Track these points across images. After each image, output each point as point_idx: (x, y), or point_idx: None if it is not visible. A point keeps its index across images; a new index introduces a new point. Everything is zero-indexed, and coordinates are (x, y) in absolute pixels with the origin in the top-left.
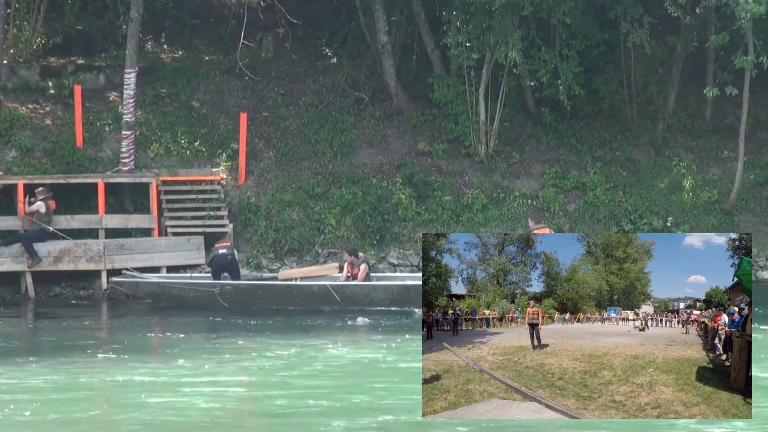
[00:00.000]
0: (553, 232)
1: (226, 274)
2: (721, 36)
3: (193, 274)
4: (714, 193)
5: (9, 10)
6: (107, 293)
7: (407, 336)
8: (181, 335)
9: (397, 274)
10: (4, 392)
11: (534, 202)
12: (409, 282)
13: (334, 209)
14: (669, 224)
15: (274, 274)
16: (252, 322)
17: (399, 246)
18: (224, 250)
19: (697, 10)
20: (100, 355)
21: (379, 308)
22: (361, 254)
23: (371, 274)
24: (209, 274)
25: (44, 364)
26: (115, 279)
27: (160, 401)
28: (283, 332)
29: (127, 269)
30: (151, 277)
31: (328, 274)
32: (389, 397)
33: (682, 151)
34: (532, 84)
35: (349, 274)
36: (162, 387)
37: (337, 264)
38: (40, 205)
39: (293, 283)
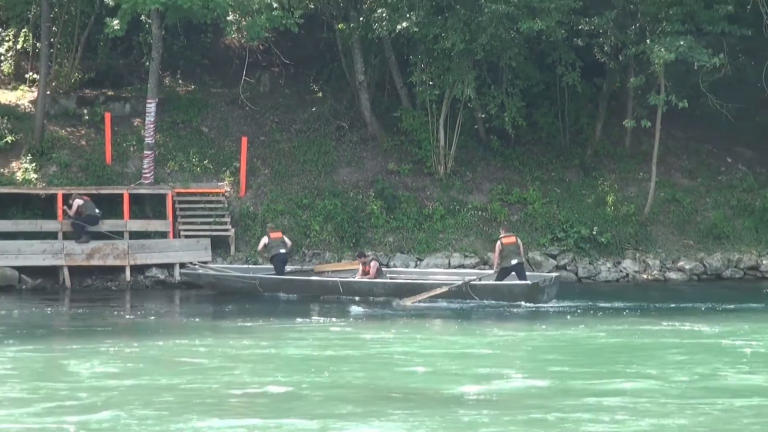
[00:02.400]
0: (519, 241)
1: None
2: (638, 78)
3: (249, 266)
4: (631, 207)
5: (52, 50)
6: (130, 284)
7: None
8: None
9: (403, 269)
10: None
11: (483, 214)
12: (400, 280)
13: (318, 217)
14: (594, 232)
15: (311, 268)
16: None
17: (371, 248)
18: (284, 250)
19: (619, 57)
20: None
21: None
22: (369, 254)
23: (382, 270)
24: (251, 266)
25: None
26: (182, 270)
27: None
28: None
29: (191, 263)
30: (210, 270)
31: (354, 268)
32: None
33: (606, 173)
34: (483, 116)
35: (363, 271)
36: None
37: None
38: (77, 202)
39: (314, 278)
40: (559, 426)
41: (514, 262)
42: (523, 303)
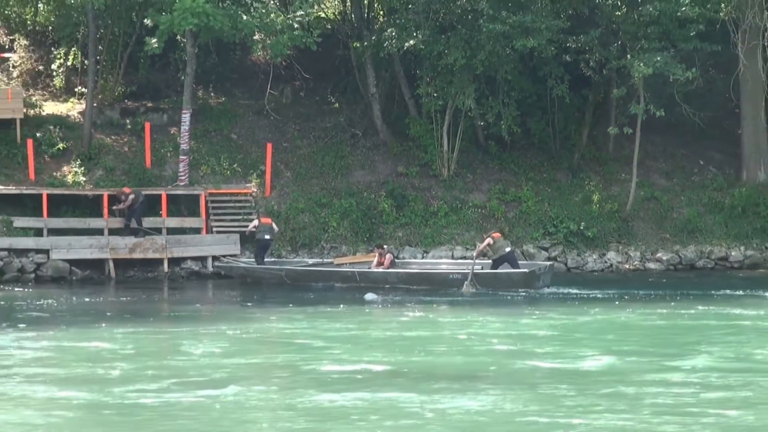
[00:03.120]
0: (503, 237)
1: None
2: (620, 90)
3: (275, 259)
4: (615, 205)
5: (98, 66)
6: (168, 275)
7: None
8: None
9: (411, 260)
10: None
11: (483, 211)
12: (412, 270)
13: (335, 215)
14: (582, 227)
15: (331, 260)
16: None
17: (383, 242)
18: (268, 236)
19: (603, 71)
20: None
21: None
22: (386, 246)
23: (395, 261)
24: (280, 259)
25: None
26: (216, 263)
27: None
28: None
29: (224, 256)
30: (240, 262)
31: (370, 260)
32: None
33: (591, 174)
34: (482, 124)
35: (379, 262)
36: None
37: (376, 253)
38: (132, 198)
39: (333, 269)
40: (637, 399)
41: (507, 249)
42: (520, 290)
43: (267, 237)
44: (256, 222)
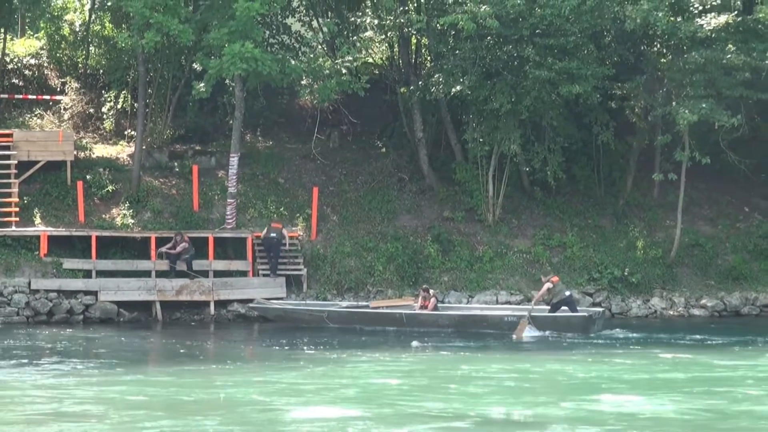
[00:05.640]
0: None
1: (272, 253)
2: (665, 137)
3: (308, 301)
4: (659, 251)
5: (147, 110)
6: (214, 318)
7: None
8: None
9: (457, 304)
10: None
11: (528, 256)
12: (465, 312)
13: (381, 258)
14: (626, 273)
15: (367, 303)
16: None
17: (429, 286)
18: (274, 234)
19: (648, 118)
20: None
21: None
22: (431, 290)
23: (438, 305)
24: (320, 301)
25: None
26: (250, 305)
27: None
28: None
29: (257, 299)
30: (276, 304)
31: (407, 304)
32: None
33: (636, 220)
34: (527, 169)
35: (422, 305)
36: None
37: (412, 297)
38: (184, 246)
39: (380, 311)
40: None
41: (566, 293)
42: (576, 334)
43: (272, 235)
44: (266, 232)
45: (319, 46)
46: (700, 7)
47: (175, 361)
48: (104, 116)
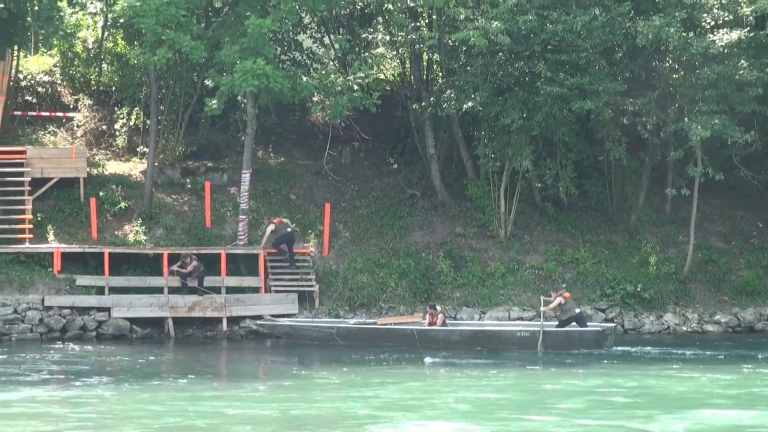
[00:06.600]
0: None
1: (284, 246)
2: (678, 152)
3: (316, 318)
4: (672, 267)
5: (160, 127)
6: (226, 334)
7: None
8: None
9: (468, 321)
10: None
11: (540, 272)
12: (477, 327)
13: (393, 275)
14: (639, 289)
15: (374, 320)
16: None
17: (441, 302)
18: (290, 228)
19: (660, 133)
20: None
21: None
22: (438, 307)
23: (446, 321)
24: (328, 318)
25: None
26: (258, 322)
27: None
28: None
29: (263, 316)
30: (285, 320)
31: (415, 321)
32: None
33: (648, 236)
34: (539, 185)
35: (430, 322)
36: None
37: (421, 314)
38: (194, 265)
39: (390, 327)
40: None
41: (577, 310)
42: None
43: (288, 230)
44: (272, 227)
45: (331, 63)
46: (712, 23)
47: (239, 376)
48: (117, 133)
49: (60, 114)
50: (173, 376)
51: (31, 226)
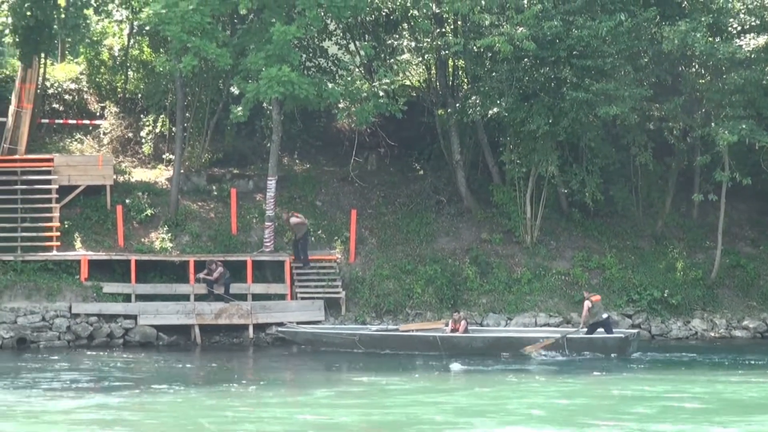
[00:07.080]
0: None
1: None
2: (704, 157)
3: (337, 325)
4: (699, 273)
5: (186, 134)
6: (252, 341)
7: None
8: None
9: (490, 327)
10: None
11: (566, 278)
12: (499, 334)
13: (420, 281)
14: (666, 295)
15: (397, 327)
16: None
17: (467, 309)
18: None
19: (687, 139)
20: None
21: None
22: (461, 313)
23: (469, 328)
24: (349, 325)
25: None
26: (279, 329)
27: None
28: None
29: (285, 323)
30: (307, 327)
31: (437, 327)
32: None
33: (675, 241)
34: (565, 191)
35: (452, 328)
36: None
37: (444, 320)
38: (220, 271)
39: (413, 333)
40: None
41: (604, 316)
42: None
43: (306, 228)
44: (295, 220)
45: (356, 69)
46: (739, 28)
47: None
48: (143, 140)
49: (87, 122)
50: (235, 383)
51: (58, 233)
